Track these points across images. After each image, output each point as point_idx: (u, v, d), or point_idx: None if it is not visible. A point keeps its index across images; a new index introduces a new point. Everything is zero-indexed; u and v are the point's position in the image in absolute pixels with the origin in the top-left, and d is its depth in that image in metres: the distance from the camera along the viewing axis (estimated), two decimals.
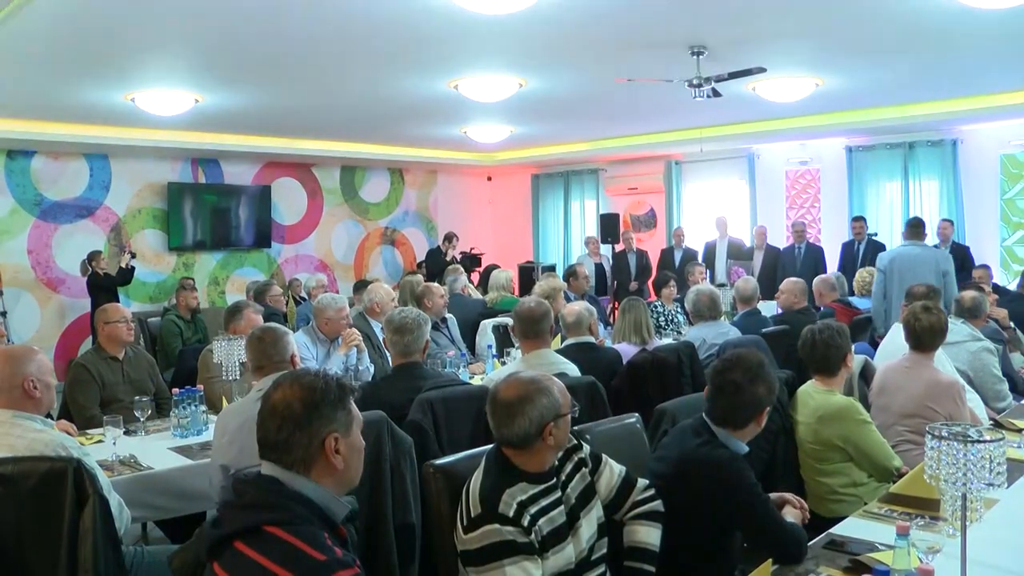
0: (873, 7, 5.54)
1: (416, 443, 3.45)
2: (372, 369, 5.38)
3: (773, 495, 2.81)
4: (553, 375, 2.62)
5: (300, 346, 5.04)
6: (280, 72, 7.11)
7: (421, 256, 13.45)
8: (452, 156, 13.23)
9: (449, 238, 12.25)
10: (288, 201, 12.59)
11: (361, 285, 7.97)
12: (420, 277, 7.94)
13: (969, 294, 5.27)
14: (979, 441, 1.99)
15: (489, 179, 15.28)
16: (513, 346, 5.53)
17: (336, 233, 13.21)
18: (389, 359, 4.64)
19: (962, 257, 9.41)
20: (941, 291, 5.34)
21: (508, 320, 5.89)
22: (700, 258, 11.04)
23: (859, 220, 10.35)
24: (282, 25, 5.66)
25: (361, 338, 5.34)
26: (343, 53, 6.47)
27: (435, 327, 6.02)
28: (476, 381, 4.98)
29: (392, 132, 10.94)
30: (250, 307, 5.29)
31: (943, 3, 5.38)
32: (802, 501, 2.88)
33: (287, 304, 9.03)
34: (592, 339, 4.96)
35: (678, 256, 11.37)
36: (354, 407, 1.99)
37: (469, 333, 6.72)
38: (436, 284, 6.71)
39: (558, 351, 4.55)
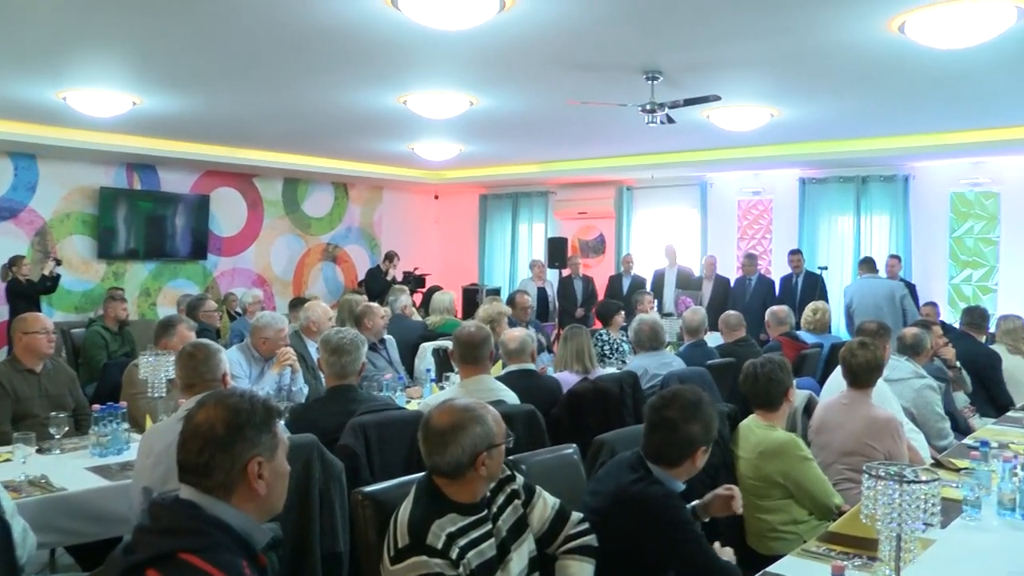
0: (830, 41, 5.68)
1: (347, 469, 3.43)
2: (306, 390, 5.33)
3: None
4: (491, 402, 2.63)
5: (233, 364, 4.98)
6: (224, 78, 7.05)
7: (364, 274, 13.38)
8: (399, 173, 13.21)
9: (390, 257, 12.19)
10: (227, 212, 12.46)
11: (297, 302, 7.88)
12: (361, 296, 7.89)
13: (911, 331, 5.39)
14: (914, 481, 2.03)
15: (436, 198, 15.29)
16: (453, 371, 5.52)
17: (276, 247, 13.10)
18: (323, 380, 4.61)
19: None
20: (891, 328, 5.48)
21: (449, 344, 5.88)
22: (648, 286, 11.11)
23: (796, 253, 10.57)
24: (228, 30, 5.63)
25: (296, 357, 5.30)
26: (291, 62, 6.44)
27: (373, 348, 6.01)
28: (413, 406, 4.97)
29: (338, 145, 10.90)
30: (184, 323, 5.21)
31: (899, 41, 5.53)
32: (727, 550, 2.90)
33: (221, 319, 8.90)
34: (532, 366, 4.98)
35: (626, 283, 11.43)
36: (280, 430, 1.97)
37: (408, 356, 6.70)
38: (377, 304, 6.68)
39: (498, 378, 4.56)
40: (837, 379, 4.60)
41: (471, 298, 12.48)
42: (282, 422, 2.04)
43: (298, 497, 3.19)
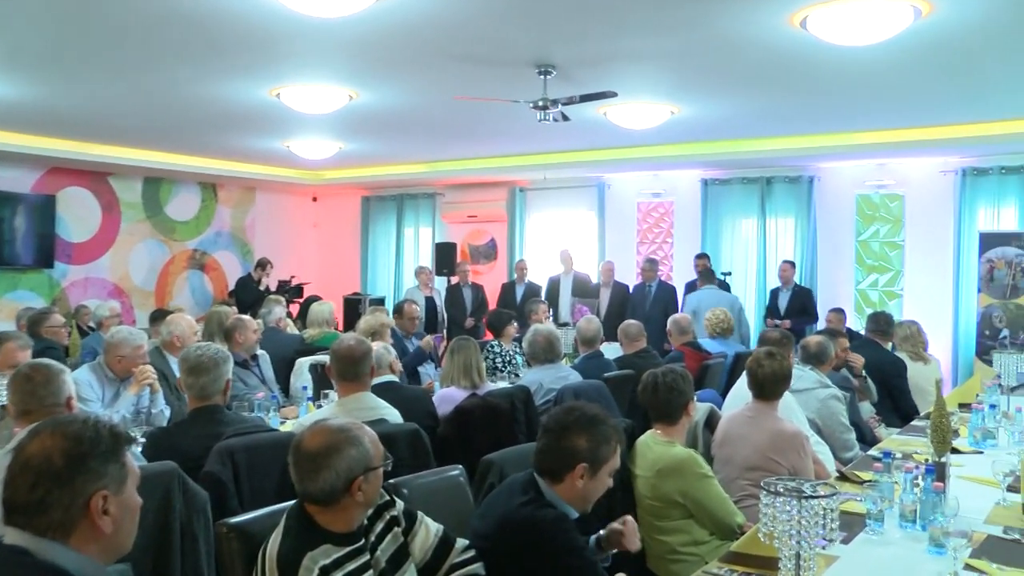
0: (732, 35, 5.83)
1: (213, 499, 3.35)
2: (168, 412, 5.20)
3: None
4: (372, 421, 2.61)
5: (82, 385, 4.84)
6: (72, 62, 6.81)
7: (234, 283, 13.12)
8: (273, 172, 13.06)
9: (263, 265, 11.99)
10: (77, 215, 12.06)
11: (159, 315, 7.67)
12: (231, 308, 7.73)
13: (815, 339, 5.58)
14: (813, 496, 2.10)
15: (314, 200, 15.18)
16: (332, 388, 5.46)
17: (136, 254, 12.74)
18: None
19: (803, 300, 10.03)
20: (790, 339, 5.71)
21: (328, 359, 5.82)
22: (543, 294, 11.21)
23: (702, 257, 10.76)
24: (78, 6, 5.43)
25: (155, 376, 5.15)
26: (150, 47, 6.26)
27: (244, 365, 5.93)
28: (287, 427, 4.92)
29: (205, 141, 10.67)
30: (15, 339, 5.01)
31: (802, 37, 5.71)
32: None
33: (70, 335, 8.58)
34: (394, 378, 5.04)
35: (519, 291, 11.49)
36: (130, 459, 1.91)
37: (284, 372, 6.59)
38: (248, 317, 6.56)
39: None
40: (741, 389, 4.72)
41: (353, 309, 12.38)
42: (137, 449, 1.97)
43: (155, 533, 3.11)
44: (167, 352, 5.79)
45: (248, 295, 11.59)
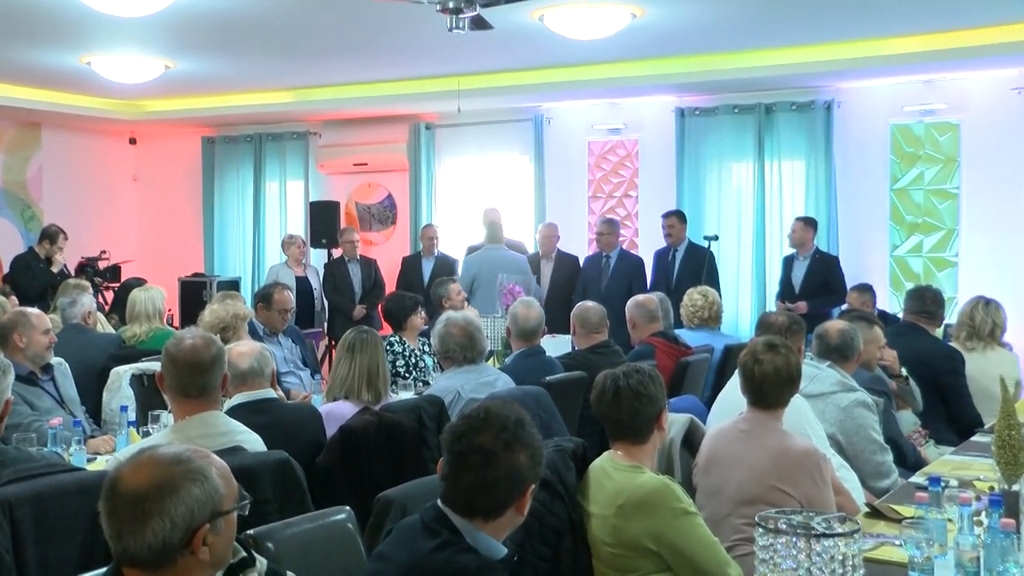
0: None
1: None
2: None
3: None
4: (224, 451, 2.60)
5: None
6: None
7: (11, 263, 12.88)
8: (68, 101, 12.85)
9: (52, 236, 11.73)
10: None
11: None
12: (7, 299, 7.61)
13: (836, 325, 5.62)
14: (826, 535, 2.13)
15: (132, 142, 15.04)
16: (165, 408, 5.42)
17: None
18: None
19: (826, 273, 10.02)
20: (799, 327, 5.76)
21: (157, 366, 5.78)
22: (459, 271, 11.18)
23: (672, 216, 10.74)
24: None
25: None
26: None
27: (30, 379, 5.85)
28: (99, 464, 4.86)
29: None
30: None
31: None
32: None
33: None
34: (272, 393, 5.03)
35: (427, 268, 11.55)
36: None
37: (93, 388, 6.53)
38: (37, 311, 6.46)
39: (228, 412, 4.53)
40: (732, 395, 4.76)
41: (195, 296, 12.30)
42: None
43: None
44: None
45: (33, 280, 11.32)
